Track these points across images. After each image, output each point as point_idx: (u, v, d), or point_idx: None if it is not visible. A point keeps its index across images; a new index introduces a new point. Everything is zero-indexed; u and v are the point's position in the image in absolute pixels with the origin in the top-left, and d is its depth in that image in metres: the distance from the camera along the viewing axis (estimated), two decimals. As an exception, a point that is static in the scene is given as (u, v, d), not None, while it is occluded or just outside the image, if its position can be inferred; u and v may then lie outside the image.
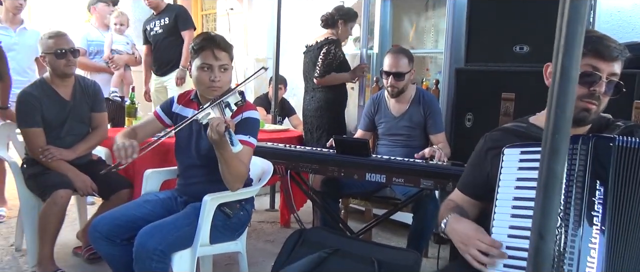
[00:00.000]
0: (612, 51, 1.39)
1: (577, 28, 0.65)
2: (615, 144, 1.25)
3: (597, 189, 1.21)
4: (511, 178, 1.40)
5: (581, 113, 1.43)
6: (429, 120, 2.74)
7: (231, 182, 2.01)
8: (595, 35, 1.43)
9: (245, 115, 2.09)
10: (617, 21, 3.26)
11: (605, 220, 1.19)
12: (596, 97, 1.40)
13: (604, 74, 1.40)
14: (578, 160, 1.26)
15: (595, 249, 1.18)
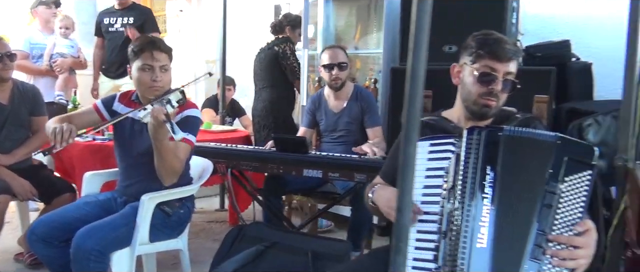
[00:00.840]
0: (507, 53, 1.54)
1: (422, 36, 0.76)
2: (503, 134, 1.39)
3: (487, 174, 1.36)
4: (422, 168, 1.52)
5: (483, 109, 1.57)
6: (365, 115, 2.88)
7: (164, 176, 2.07)
8: (492, 38, 1.57)
9: (186, 114, 2.16)
10: (541, 23, 3.49)
11: (494, 200, 1.33)
12: (494, 95, 1.55)
13: (500, 74, 1.54)
14: (473, 149, 1.39)
15: (485, 225, 1.32)
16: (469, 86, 1.58)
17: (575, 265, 1.29)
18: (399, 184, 0.77)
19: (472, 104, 1.59)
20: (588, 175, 1.34)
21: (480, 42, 1.56)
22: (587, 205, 1.33)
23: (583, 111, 2.57)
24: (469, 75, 1.58)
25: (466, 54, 1.60)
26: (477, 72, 1.55)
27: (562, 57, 2.83)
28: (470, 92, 1.58)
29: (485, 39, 1.56)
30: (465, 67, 1.60)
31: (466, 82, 1.59)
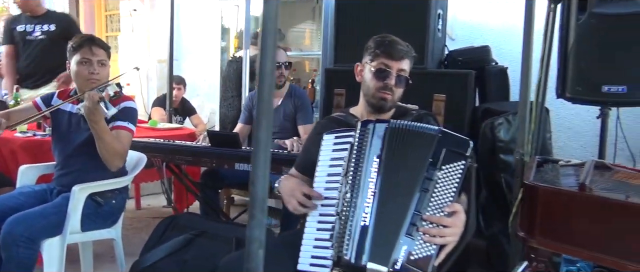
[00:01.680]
0: (399, 52, 1.73)
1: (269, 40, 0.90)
2: (389, 126, 1.57)
3: (374, 161, 1.53)
4: (327, 158, 1.69)
5: (380, 102, 1.76)
6: (298, 114, 3.04)
7: (110, 160, 2.18)
8: (387, 39, 1.76)
9: (123, 106, 2.27)
10: (470, 29, 3.73)
11: (378, 184, 1.50)
12: (389, 89, 1.74)
13: (393, 70, 1.73)
14: (365, 139, 1.56)
15: (369, 206, 1.49)
16: (368, 82, 1.77)
17: (443, 241, 1.47)
18: (253, 163, 0.92)
19: (371, 98, 1.77)
20: (462, 164, 1.52)
21: (377, 43, 1.76)
22: (459, 190, 1.51)
23: (496, 111, 2.80)
24: (368, 72, 1.77)
25: (366, 54, 1.79)
26: (373, 68, 1.74)
27: (482, 61, 3.06)
28: (369, 87, 1.77)
29: (381, 40, 1.76)
30: (365, 65, 1.79)
31: (366, 79, 1.78)
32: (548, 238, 1.79)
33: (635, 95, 2.57)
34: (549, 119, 2.94)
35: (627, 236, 1.61)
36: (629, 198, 1.67)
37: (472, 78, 2.87)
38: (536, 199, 1.81)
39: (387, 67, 1.73)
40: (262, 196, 0.92)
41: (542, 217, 1.79)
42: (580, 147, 3.27)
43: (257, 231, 0.92)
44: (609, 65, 2.57)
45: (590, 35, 2.60)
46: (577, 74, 2.65)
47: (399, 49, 1.74)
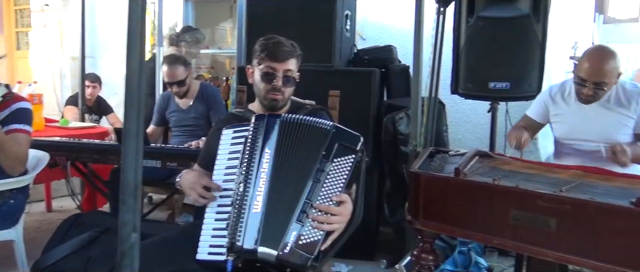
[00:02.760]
0: (283, 53, 1.83)
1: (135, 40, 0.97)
2: (281, 120, 1.67)
3: (266, 152, 1.63)
4: (226, 152, 1.77)
5: (271, 103, 1.87)
6: (211, 111, 3.09)
7: (11, 167, 2.13)
8: (271, 42, 1.86)
9: (16, 107, 2.21)
10: (379, 29, 3.94)
11: (269, 174, 1.60)
12: (278, 90, 1.84)
13: (279, 72, 1.83)
14: (258, 132, 1.66)
15: (261, 194, 1.58)
16: (258, 84, 1.87)
17: (330, 228, 1.59)
18: (123, 152, 0.98)
19: (263, 99, 1.87)
20: (352, 158, 1.64)
21: (262, 47, 1.85)
22: (347, 182, 1.63)
23: (398, 106, 2.99)
24: (257, 75, 1.87)
25: (254, 57, 1.88)
26: (261, 72, 1.83)
27: (386, 60, 3.24)
28: (260, 89, 1.86)
29: (266, 43, 1.85)
30: (254, 68, 1.88)
31: (256, 81, 1.88)
32: (430, 220, 1.98)
33: (517, 90, 2.85)
34: (444, 113, 3.18)
35: (492, 213, 1.81)
36: (495, 181, 1.88)
37: (377, 76, 3.05)
38: (419, 185, 1.99)
39: (273, 70, 1.82)
40: (134, 183, 0.99)
41: (424, 201, 1.98)
42: (476, 138, 3.55)
43: (129, 215, 0.99)
44: (495, 63, 2.84)
45: (478, 36, 2.85)
46: (467, 72, 2.90)
47: (283, 50, 1.83)
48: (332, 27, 2.98)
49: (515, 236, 1.77)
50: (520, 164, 2.21)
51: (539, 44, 2.78)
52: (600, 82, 2.16)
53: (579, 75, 2.23)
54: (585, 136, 2.29)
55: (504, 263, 2.97)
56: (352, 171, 1.65)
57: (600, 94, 2.20)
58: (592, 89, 2.18)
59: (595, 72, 2.16)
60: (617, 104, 2.22)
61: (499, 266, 3.00)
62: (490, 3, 2.80)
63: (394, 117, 2.92)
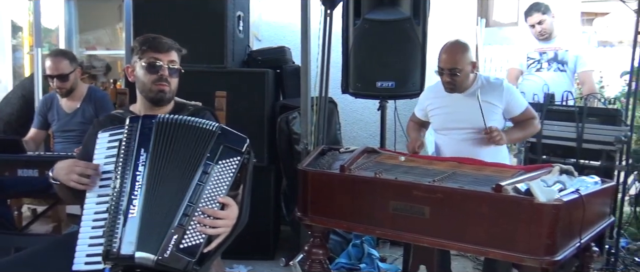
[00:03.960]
0: (164, 46, 1.82)
1: None
2: (157, 121, 1.64)
3: (141, 155, 1.59)
4: (102, 156, 1.69)
5: (159, 94, 1.82)
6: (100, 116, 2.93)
7: None
8: (150, 36, 1.85)
9: None
10: (274, 30, 3.97)
11: (144, 177, 1.56)
12: (165, 79, 1.81)
13: (164, 62, 1.81)
14: (133, 135, 1.61)
15: (137, 198, 1.54)
16: (142, 78, 1.82)
17: (215, 232, 1.58)
18: None
19: (149, 92, 1.82)
20: (237, 160, 1.63)
21: (142, 42, 1.83)
22: (232, 184, 1.62)
23: (291, 106, 3.05)
24: (140, 69, 1.82)
25: (134, 54, 1.84)
26: (145, 64, 1.80)
27: (280, 61, 3.29)
28: (144, 83, 1.82)
29: (145, 38, 1.84)
30: (135, 64, 1.84)
31: (139, 76, 1.83)
32: (318, 215, 2.05)
33: (402, 89, 3.03)
34: (337, 112, 3.29)
35: (374, 205, 1.91)
36: (377, 175, 1.98)
37: (270, 76, 3.08)
38: (307, 182, 2.05)
39: (158, 60, 1.80)
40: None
41: (312, 197, 2.04)
42: (369, 136, 3.70)
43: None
44: (381, 64, 2.99)
45: (365, 38, 2.99)
46: (356, 72, 3.03)
47: (164, 42, 1.83)
48: (223, 27, 2.96)
49: (394, 225, 1.88)
50: (404, 158, 2.35)
51: (420, 45, 2.97)
52: (454, 68, 2.41)
53: (439, 66, 2.47)
54: (458, 125, 2.49)
55: (397, 253, 3.14)
56: (238, 173, 1.65)
57: (456, 81, 2.44)
58: (449, 76, 2.43)
59: (449, 60, 2.43)
60: (483, 92, 2.45)
61: (392, 255, 3.16)
62: (375, 6, 2.95)
63: (287, 117, 2.96)
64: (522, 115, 2.55)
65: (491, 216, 1.73)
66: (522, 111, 2.54)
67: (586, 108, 3.01)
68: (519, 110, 2.54)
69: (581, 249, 1.97)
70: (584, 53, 3.65)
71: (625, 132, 2.94)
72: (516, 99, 2.54)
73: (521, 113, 2.54)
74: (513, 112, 2.54)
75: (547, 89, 3.20)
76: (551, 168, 2.09)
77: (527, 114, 2.56)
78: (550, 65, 3.63)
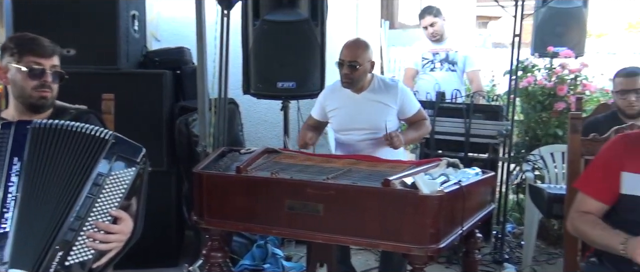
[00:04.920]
0: (47, 50, 1.70)
1: None
2: (32, 126, 1.52)
3: (14, 164, 1.47)
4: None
5: (40, 101, 1.70)
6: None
7: None
8: (28, 37, 1.71)
9: None
10: (174, 29, 3.86)
11: (19, 188, 1.45)
12: (47, 86, 1.69)
13: (47, 68, 1.69)
14: (4, 142, 1.49)
15: (9, 212, 1.42)
16: (20, 83, 1.68)
17: (107, 247, 1.49)
18: None
19: (29, 98, 1.69)
20: (132, 171, 1.53)
21: (19, 43, 1.69)
22: (126, 196, 1.53)
23: (191, 108, 2.98)
24: (17, 73, 1.68)
25: (7, 55, 1.70)
26: (25, 68, 1.66)
27: (179, 61, 3.20)
28: (24, 88, 1.68)
29: (22, 39, 1.70)
30: (10, 67, 1.69)
31: (16, 80, 1.69)
32: (215, 218, 2.02)
33: (303, 89, 3.07)
34: (238, 113, 3.27)
35: (271, 205, 1.93)
36: (273, 174, 2.00)
37: (168, 78, 2.99)
38: (202, 184, 2.02)
39: (40, 65, 1.68)
40: None
41: (208, 200, 2.01)
42: (274, 136, 3.71)
43: None
44: (281, 64, 3.01)
45: (265, 38, 2.99)
46: (257, 73, 3.03)
47: (46, 45, 1.70)
48: (114, 27, 2.83)
49: (290, 223, 1.91)
50: (303, 157, 2.39)
51: (319, 46, 3.03)
52: (354, 61, 2.49)
53: (340, 59, 2.54)
54: (356, 125, 2.58)
55: (303, 251, 3.18)
56: (132, 184, 1.56)
57: (355, 76, 2.51)
58: (348, 68, 2.50)
59: (350, 53, 2.52)
60: (379, 93, 2.57)
61: (297, 254, 3.20)
62: (273, 7, 2.96)
63: (187, 119, 2.90)
64: (415, 117, 2.68)
65: (380, 209, 1.81)
66: (415, 112, 2.67)
67: (472, 105, 3.24)
68: (412, 112, 2.66)
69: (466, 236, 2.13)
70: (472, 54, 3.92)
71: (506, 126, 3.21)
72: (410, 100, 2.67)
73: (414, 114, 2.67)
74: (406, 113, 2.66)
75: (438, 88, 3.41)
76: (439, 162, 2.23)
77: (419, 115, 2.69)
78: (443, 66, 3.86)
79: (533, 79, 3.64)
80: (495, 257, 3.22)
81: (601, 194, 1.63)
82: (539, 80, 3.63)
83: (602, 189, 1.63)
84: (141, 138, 1.60)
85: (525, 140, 3.71)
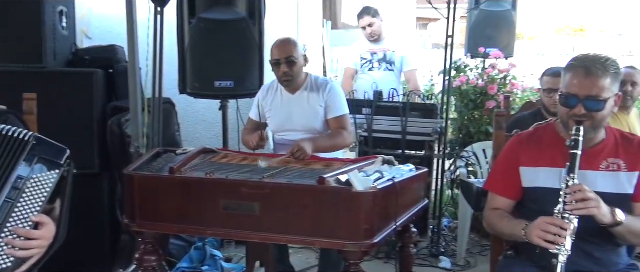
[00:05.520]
0: None
1: None
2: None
3: None
4: None
5: None
6: None
7: None
8: None
9: None
10: (106, 26, 3.72)
11: None
12: None
13: None
14: None
15: None
16: None
17: (27, 254, 1.41)
18: None
19: None
20: (55, 174, 1.46)
21: None
22: (48, 200, 1.46)
23: (124, 108, 2.87)
24: None
25: None
26: None
27: (112, 60, 3.08)
28: None
29: None
30: None
31: None
32: (147, 220, 1.97)
33: (241, 88, 3.05)
34: (175, 113, 3.20)
35: (205, 205, 1.90)
36: (208, 175, 1.97)
37: (99, 77, 2.87)
38: (133, 186, 1.96)
39: None
40: None
41: (140, 202, 1.96)
42: (213, 136, 3.66)
43: None
44: (219, 63, 2.97)
45: (201, 37, 2.95)
46: (194, 72, 2.98)
47: None
48: (39, 23, 2.69)
49: (226, 224, 1.89)
50: (239, 156, 2.38)
51: (257, 45, 3.02)
52: (290, 56, 2.47)
53: (274, 59, 2.51)
54: (292, 126, 2.58)
55: (243, 252, 3.15)
56: (56, 188, 1.49)
57: (294, 71, 2.49)
58: (286, 65, 2.47)
59: (284, 49, 2.50)
60: (312, 93, 2.57)
61: (237, 255, 3.17)
62: (210, 6, 2.92)
63: (119, 120, 2.80)
64: (336, 121, 2.54)
65: (316, 207, 1.83)
66: (336, 116, 2.54)
67: (409, 104, 3.33)
68: (334, 114, 2.54)
69: (401, 231, 2.19)
70: (409, 54, 4.03)
71: (440, 124, 3.32)
72: (336, 102, 2.55)
73: (335, 118, 2.54)
74: (328, 113, 2.54)
75: (376, 87, 3.48)
76: (375, 159, 2.28)
77: (341, 122, 2.54)
78: (381, 65, 3.94)
79: (466, 79, 3.79)
80: (432, 251, 3.32)
81: (506, 191, 1.76)
82: (472, 80, 3.79)
83: (506, 186, 1.76)
84: (71, 139, 1.55)
85: (459, 137, 3.85)
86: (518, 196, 1.76)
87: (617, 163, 1.67)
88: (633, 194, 1.65)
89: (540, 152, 1.71)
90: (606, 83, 1.57)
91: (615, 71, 1.60)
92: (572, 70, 1.62)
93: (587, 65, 1.59)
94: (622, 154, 1.67)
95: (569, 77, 1.62)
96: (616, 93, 1.63)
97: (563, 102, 1.63)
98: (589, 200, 1.51)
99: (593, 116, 1.59)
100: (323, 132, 2.57)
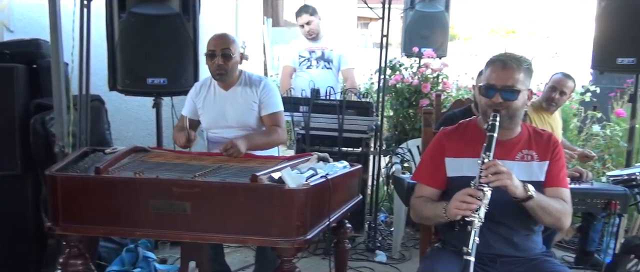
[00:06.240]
0: None
1: None
2: None
3: None
4: None
5: None
6: None
7: None
8: None
9: None
10: (29, 19, 3.52)
11: None
12: None
13: None
14: None
15: None
16: None
17: None
18: None
19: None
20: None
21: None
22: None
23: (48, 106, 2.73)
24: None
25: None
26: None
27: (35, 55, 2.92)
28: None
29: None
30: None
31: None
32: (72, 223, 1.88)
33: (175, 85, 2.99)
34: (104, 110, 3.08)
35: (134, 206, 1.84)
36: (137, 174, 1.92)
37: (20, 72, 2.72)
38: (56, 188, 1.87)
39: None
40: None
41: (63, 204, 1.87)
42: (147, 135, 3.56)
43: None
44: (151, 60, 2.89)
45: (132, 32, 2.86)
46: (124, 68, 2.88)
47: None
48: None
49: (156, 224, 1.84)
50: (172, 155, 2.32)
51: (192, 41, 2.96)
52: (226, 49, 2.44)
53: (209, 50, 2.47)
54: (225, 123, 2.55)
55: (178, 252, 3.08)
56: None
57: (229, 65, 2.46)
58: (222, 58, 2.44)
59: (220, 41, 2.47)
60: (246, 89, 2.54)
61: (172, 256, 3.09)
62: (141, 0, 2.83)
63: (43, 118, 2.66)
64: (270, 118, 2.54)
65: (248, 205, 1.82)
66: (270, 113, 2.53)
67: (345, 102, 3.38)
68: (268, 111, 2.53)
69: (335, 227, 2.22)
70: (347, 52, 4.09)
71: (376, 121, 3.39)
72: (270, 98, 2.54)
73: (269, 115, 2.53)
74: (262, 110, 2.54)
75: (313, 85, 3.50)
76: (310, 157, 2.29)
77: (275, 119, 2.54)
78: (319, 63, 3.97)
79: (400, 77, 3.89)
80: (369, 245, 3.39)
81: (431, 180, 1.89)
82: (406, 79, 3.90)
83: (432, 176, 1.89)
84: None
85: (395, 134, 3.96)
86: (443, 185, 1.87)
87: (530, 154, 1.83)
88: (544, 181, 1.81)
89: (464, 144, 1.84)
90: (520, 76, 1.75)
91: (527, 67, 1.78)
92: (491, 65, 1.79)
93: (503, 60, 1.77)
94: (534, 146, 1.84)
95: (489, 71, 1.79)
96: (528, 88, 1.80)
97: (483, 92, 1.78)
98: (501, 172, 1.64)
99: (508, 105, 1.74)
100: (257, 129, 2.56)
